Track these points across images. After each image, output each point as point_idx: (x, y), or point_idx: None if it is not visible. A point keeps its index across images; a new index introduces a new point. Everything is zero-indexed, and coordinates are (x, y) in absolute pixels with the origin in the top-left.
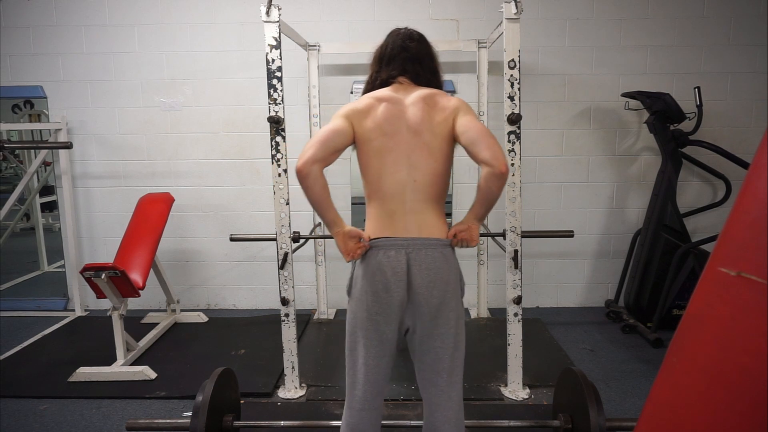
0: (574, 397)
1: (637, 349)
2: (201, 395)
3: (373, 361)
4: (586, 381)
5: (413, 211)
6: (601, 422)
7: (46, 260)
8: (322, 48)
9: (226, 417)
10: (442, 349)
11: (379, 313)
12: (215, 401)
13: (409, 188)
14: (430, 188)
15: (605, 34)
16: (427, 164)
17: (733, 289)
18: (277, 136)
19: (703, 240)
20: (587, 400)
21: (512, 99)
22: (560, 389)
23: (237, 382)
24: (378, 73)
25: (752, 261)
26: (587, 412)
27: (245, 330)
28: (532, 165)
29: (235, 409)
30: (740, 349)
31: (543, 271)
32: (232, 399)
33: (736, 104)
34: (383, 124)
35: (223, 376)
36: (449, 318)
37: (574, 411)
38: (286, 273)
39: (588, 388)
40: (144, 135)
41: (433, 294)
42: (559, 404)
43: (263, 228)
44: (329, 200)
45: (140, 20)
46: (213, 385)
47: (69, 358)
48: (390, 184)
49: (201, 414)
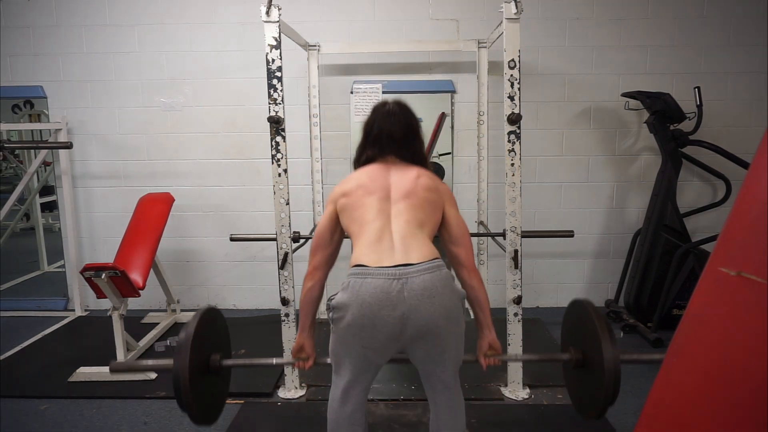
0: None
1: (637, 349)
2: (184, 332)
3: (359, 384)
4: (597, 312)
5: (399, 234)
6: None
7: (46, 260)
8: (322, 48)
9: (213, 356)
10: (444, 371)
11: (366, 347)
12: (200, 339)
13: (394, 216)
14: (417, 216)
15: (605, 34)
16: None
17: (733, 289)
18: (277, 136)
19: (703, 240)
20: (599, 332)
21: (512, 99)
22: (568, 321)
23: (226, 323)
24: (365, 148)
25: (752, 261)
26: (599, 344)
27: (245, 330)
28: (532, 165)
29: (224, 348)
30: (740, 349)
31: (543, 271)
32: (221, 338)
33: (736, 104)
34: (365, 182)
35: (209, 313)
36: (450, 344)
37: (584, 344)
38: (286, 273)
39: (600, 320)
40: (144, 135)
41: (436, 325)
42: (568, 337)
43: (263, 228)
44: (313, 311)
45: (140, 20)
46: (197, 321)
47: (69, 358)
48: (375, 213)
49: (184, 351)
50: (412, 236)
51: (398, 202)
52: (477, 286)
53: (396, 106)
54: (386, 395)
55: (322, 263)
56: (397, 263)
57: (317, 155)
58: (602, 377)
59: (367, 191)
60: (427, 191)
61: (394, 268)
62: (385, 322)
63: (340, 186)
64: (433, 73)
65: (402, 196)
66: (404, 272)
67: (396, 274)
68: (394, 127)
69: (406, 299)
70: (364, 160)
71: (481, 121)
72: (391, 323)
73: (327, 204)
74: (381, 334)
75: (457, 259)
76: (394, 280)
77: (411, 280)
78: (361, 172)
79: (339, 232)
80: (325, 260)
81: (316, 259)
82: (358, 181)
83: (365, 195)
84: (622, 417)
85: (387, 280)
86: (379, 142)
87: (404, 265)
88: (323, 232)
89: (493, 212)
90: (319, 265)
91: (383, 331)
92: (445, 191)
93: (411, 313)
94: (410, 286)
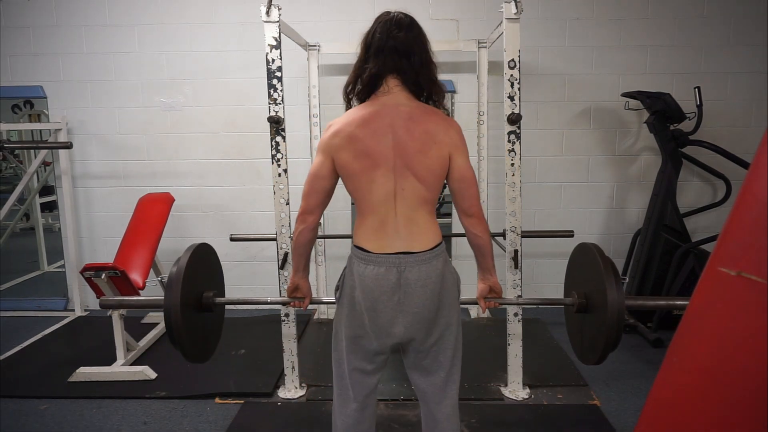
0: (588, 273)
1: (637, 349)
2: (176, 266)
3: (359, 375)
4: (603, 255)
5: (404, 217)
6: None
7: (46, 260)
8: (322, 48)
9: (206, 292)
10: (439, 366)
11: (362, 336)
12: (193, 275)
13: (399, 196)
14: (420, 195)
15: (605, 34)
16: (416, 184)
17: (733, 289)
18: (277, 136)
19: (703, 240)
20: (603, 275)
21: (512, 99)
22: (573, 265)
23: (218, 260)
24: (365, 63)
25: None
26: (604, 288)
27: (245, 330)
28: (532, 165)
29: (217, 286)
30: (740, 349)
31: (543, 271)
32: (215, 276)
33: (736, 104)
34: (369, 145)
35: (201, 248)
36: (447, 336)
37: (588, 288)
38: (286, 273)
39: (605, 262)
40: (144, 135)
41: (429, 315)
42: (572, 281)
43: (263, 228)
44: (306, 252)
45: (140, 20)
46: (189, 256)
47: (69, 358)
48: (379, 194)
49: (176, 286)
50: (416, 220)
51: (403, 178)
52: (481, 234)
53: (402, 14)
54: (386, 395)
55: (314, 207)
56: (398, 250)
57: None
58: (604, 321)
59: (372, 162)
60: (432, 148)
61: (395, 256)
62: (385, 305)
63: (336, 134)
64: None
65: (407, 168)
66: (404, 261)
67: (395, 262)
68: (400, 36)
69: (402, 287)
70: (365, 79)
71: (481, 121)
72: (390, 311)
73: (319, 151)
74: (381, 319)
75: (461, 208)
76: (393, 267)
77: (408, 269)
78: (362, 122)
79: (335, 177)
80: (318, 203)
81: (310, 201)
82: (360, 144)
83: (370, 168)
84: (622, 417)
85: (387, 269)
86: (381, 54)
87: (405, 253)
88: (317, 179)
89: (493, 212)
90: (312, 209)
91: (383, 317)
92: (452, 140)
93: (405, 299)
94: (406, 276)
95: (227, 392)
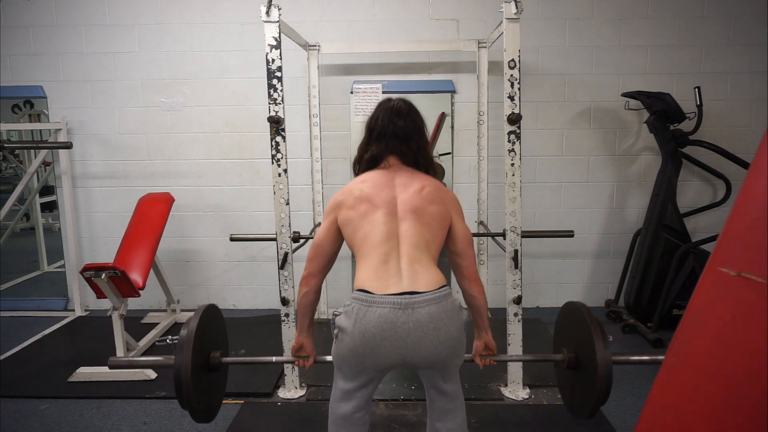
0: (577, 331)
1: (637, 349)
2: (186, 330)
3: (361, 389)
4: (591, 314)
5: (407, 256)
6: (607, 355)
7: (46, 260)
8: (322, 48)
9: (213, 353)
10: (446, 395)
11: (367, 367)
12: (201, 336)
13: (402, 236)
14: (424, 237)
15: (605, 34)
16: (419, 227)
17: (733, 289)
18: (277, 136)
19: (703, 240)
20: (592, 333)
21: (512, 99)
22: (562, 323)
23: (224, 320)
24: (368, 146)
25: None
26: (592, 345)
27: (245, 330)
28: (532, 165)
29: (222, 346)
30: (740, 349)
31: (543, 271)
32: (220, 336)
33: (736, 104)
34: (369, 194)
35: (209, 310)
36: (454, 371)
37: (577, 345)
38: (287, 273)
39: (593, 322)
40: (144, 135)
41: (440, 358)
42: (561, 338)
43: (263, 228)
44: (310, 313)
45: (140, 20)
46: (198, 319)
47: (69, 358)
48: (380, 234)
49: (186, 349)
50: (420, 260)
51: (405, 220)
52: (478, 295)
53: (402, 102)
54: (386, 395)
55: (317, 271)
56: (403, 290)
57: (317, 155)
58: (594, 377)
59: (373, 205)
60: (434, 204)
61: (400, 296)
62: (387, 351)
63: (340, 194)
64: (433, 73)
65: (409, 213)
66: (410, 301)
67: (402, 304)
68: (399, 124)
69: (411, 331)
70: (367, 159)
71: (481, 121)
72: (393, 354)
73: (326, 213)
74: (382, 362)
75: (460, 270)
76: (399, 309)
77: (417, 311)
78: (363, 180)
79: (338, 242)
80: (321, 268)
81: (313, 266)
82: (361, 193)
83: (370, 210)
84: (622, 417)
85: (393, 310)
86: (383, 139)
87: (411, 293)
88: (322, 243)
89: (493, 212)
90: (315, 273)
91: (384, 360)
92: (450, 201)
93: (415, 345)
94: (416, 317)
95: (227, 392)
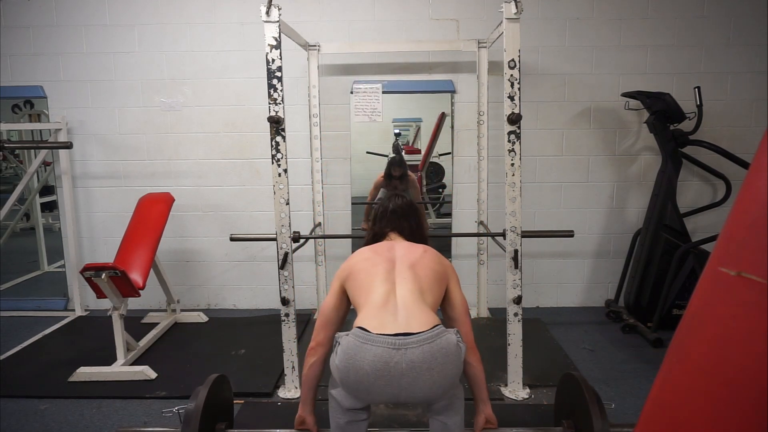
0: (576, 403)
1: (637, 349)
2: (194, 402)
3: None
4: (588, 386)
5: (403, 301)
6: (605, 428)
7: (46, 260)
8: (322, 48)
9: (218, 425)
10: (447, 427)
11: (357, 407)
12: (208, 408)
13: (399, 280)
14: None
15: (605, 34)
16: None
17: (733, 289)
18: (277, 136)
19: (703, 240)
20: (590, 405)
21: (512, 99)
22: (561, 394)
23: (231, 387)
24: (373, 228)
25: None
26: (590, 417)
27: (245, 330)
28: (532, 165)
29: (228, 416)
30: (740, 349)
31: (543, 271)
32: (226, 405)
33: (736, 104)
34: (371, 255)
35: (217, 382)
36: (453, 405)
37: (576, 417)
38: (286, 273)
39: (590, 393)
40: (144, 135)
41: (434, 396)
42: (561, 409)
43: (263, 228)
44: (315, 385)
45: (140, 20)
46: (206, 391)
47: (69, 358)
48: (381, 280)
49: (193, 421)
50: (415, 304)
51: (403, 271)
52: (475, 364)
53: (401, 197)
54: None
55: (325, 341)
56: (398, 331)
57: (317, 155)
58: None
59: (373, 263)
60: (432, 263)
61: (395, 337)
62: (381, 390)
63: (346, 263)
64: (433, 73)
65: (407, 266)
66: (404, 342)
67: (396, 344)
68: (398, 203)
69: (405, 372)
70: (369, 239)
71: (481, 121)
72: (387, 393)
73: (333, 281)
74: (375, 399)
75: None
76: (393, 349)
77: (411, 351)
78: (366, 248)
79: (345, 308)
80: (328, 338)
81: (321, 336)
82: (362, 255)
83: (372, 265)
84: (622, 417)
85: (387, 350)
86: (384, 217)
87: (405, 334)
88: (329, 311)
89: (493, 212)
90: (323, 342)
91: (378, 397)
92: (449, 267)
93: (409, 386)
94: (409, 357)
95: None
